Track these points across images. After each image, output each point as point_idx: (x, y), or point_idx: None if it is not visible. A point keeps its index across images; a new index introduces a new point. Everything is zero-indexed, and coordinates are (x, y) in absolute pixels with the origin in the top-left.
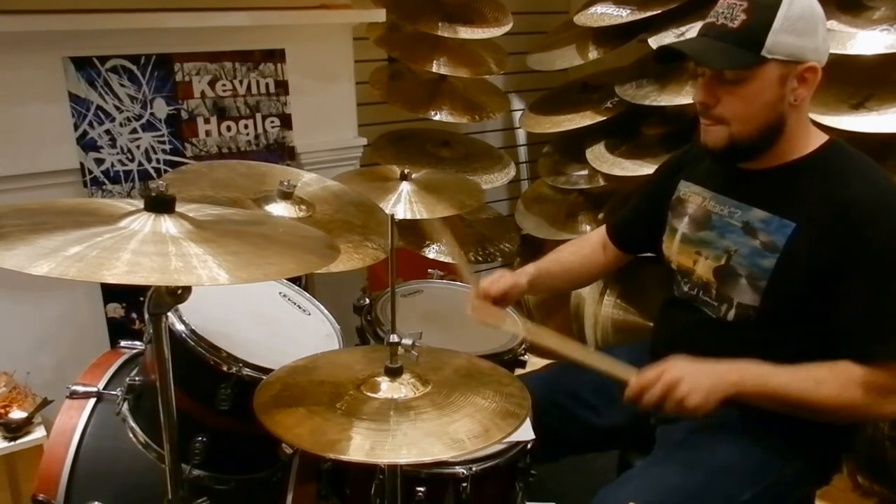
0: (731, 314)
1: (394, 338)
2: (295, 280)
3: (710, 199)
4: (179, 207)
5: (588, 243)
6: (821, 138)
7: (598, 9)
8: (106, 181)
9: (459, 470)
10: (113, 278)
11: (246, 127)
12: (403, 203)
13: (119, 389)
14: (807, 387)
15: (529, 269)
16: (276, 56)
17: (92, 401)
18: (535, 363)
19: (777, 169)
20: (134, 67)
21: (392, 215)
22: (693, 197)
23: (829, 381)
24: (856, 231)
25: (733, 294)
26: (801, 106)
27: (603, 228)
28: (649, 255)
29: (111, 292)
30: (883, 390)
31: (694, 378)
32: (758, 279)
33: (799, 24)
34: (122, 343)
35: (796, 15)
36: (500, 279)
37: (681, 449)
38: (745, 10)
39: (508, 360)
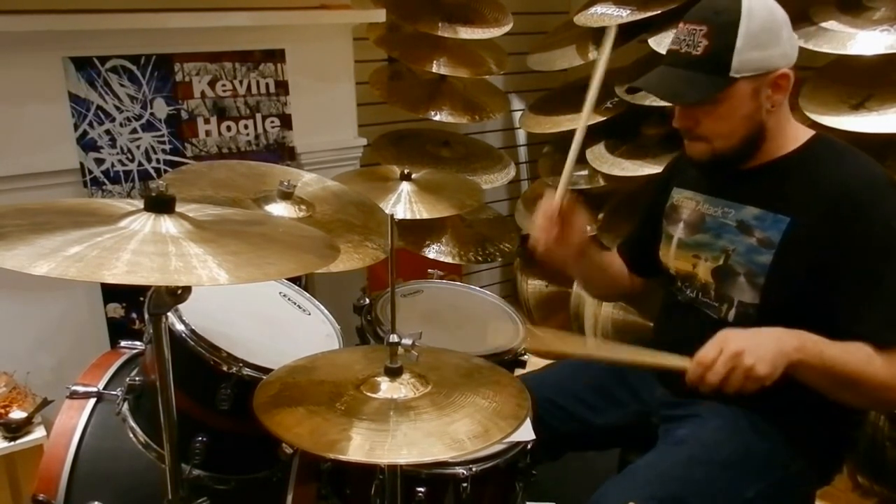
0: (732, 314)
1: (394, 338)
2: (295, 280)
3: (703, 202)
4: (179, 207)
5: (620, 261)
6: (806, 133)
7: (598, 9)
8: (106, 181)
9: (459, 470)
10: (113, 278)
11: (246, 127)
12: (403, 203)
13: (119, 389)
14: (860, 359)
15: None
16: (276, 56)
17: (92, 401)
18: (535, 363)
19: (766, 166)
20: (134, 67)
21: (392, 215)
22: (686, 202)
23: (876, 357)
24: (850, 219)
25: (733, 293)
26: (779, 109)
27: None
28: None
29: (111, 292)
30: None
31: (756, 347)
32: (756, 276)
33: (762, 37)
34: (122, 343)
35: (757, 29)
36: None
37: (684, 445)
38: (706, 35)
39: (508, 360)
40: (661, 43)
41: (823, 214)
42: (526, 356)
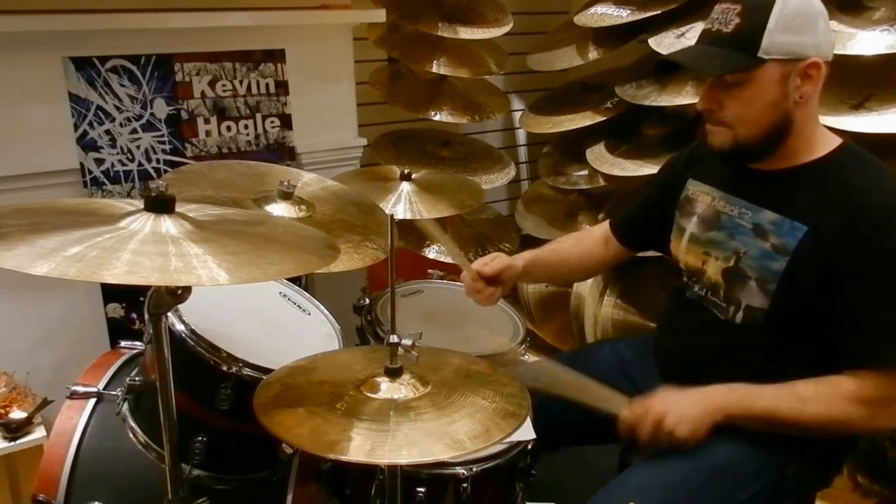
0: (739, 316)
1: (394, 338)
2: (295, 280)
3: (720, 199)
4: (179, 207)
5: (590, 237)
6: (834, 141)
7: (598, 9)
8: (106, 181)
9: (459, 470)
10: (113, 278)
11: (246, 127)
12: (403, 203)
13: (119, 389)
14: (792, 406)
15: (526, 255)
16: (276, 56)
17: (92, 401)
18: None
19: (789, 171)
20: (134, 67)
21: (392, 215)
22: (702, 196)
23: (816, 398)
24: (865, 238)
25: (741, 296)
26: (807, 103)
27: (606, 224)
28: (652, 253)
29: (111, 292)
30: (876, 402)
31: (679, 409)
32: (767, 282)
33: (795, 21)
34: (122, 343)
35: (792, 13)
36: (493, 260)
37: (681, 449)
38: (739, 14)
39: (509, 359)
40: (661, 43)
41: (840, 228)
42: (526, 356)
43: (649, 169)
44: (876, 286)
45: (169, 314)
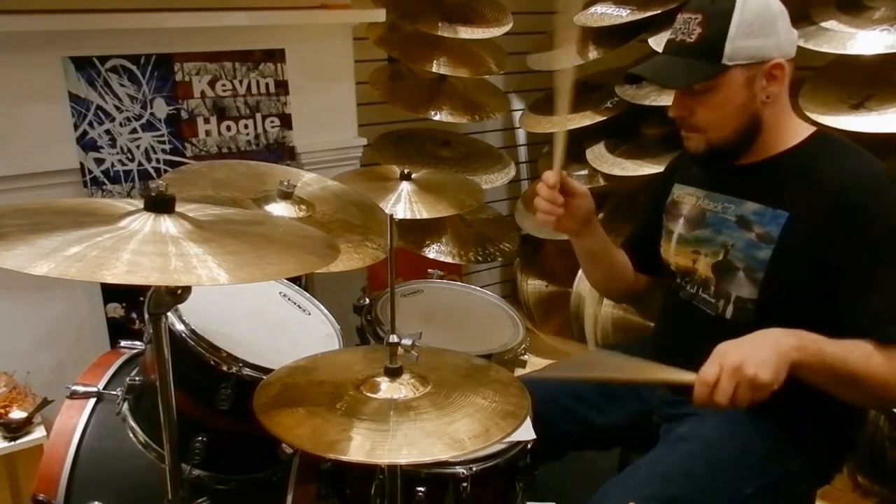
0: (729, 310)
1: (393, 338)
2: (295, 280)
3: (704, 198)
4: (179, 207)
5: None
6: (806, 129)
7: (598, 9)
8: (106, 181)
9: (459, 470)
10: (113, 278)
11: (246, 127)
12: (403, 203)
13: (119, 389)
14: (859, 357)
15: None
16: (276, 56)
17: (92, 401)
18: (534, 363)
19: (766, 161)
20: (134, 67)
21: (392, 215)
22: (687, 198)
23: (875, 354)
24: (850, 215)
25: (731, 288)
26: (776, 101)
27: None
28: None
29: (111, 292)
30: None
31: (754, 355)
32: (755, 271)
33: (755, 25)
34: (122, 343)
35: (751, 18)
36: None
37: (685, 443)
38: (700, 24)
39: (508, 359)
40: (660, 43)
41: (823, 210)
42: (526, 356)
43: (649, 169)
44: (867, 265)
45: (169, 314)
